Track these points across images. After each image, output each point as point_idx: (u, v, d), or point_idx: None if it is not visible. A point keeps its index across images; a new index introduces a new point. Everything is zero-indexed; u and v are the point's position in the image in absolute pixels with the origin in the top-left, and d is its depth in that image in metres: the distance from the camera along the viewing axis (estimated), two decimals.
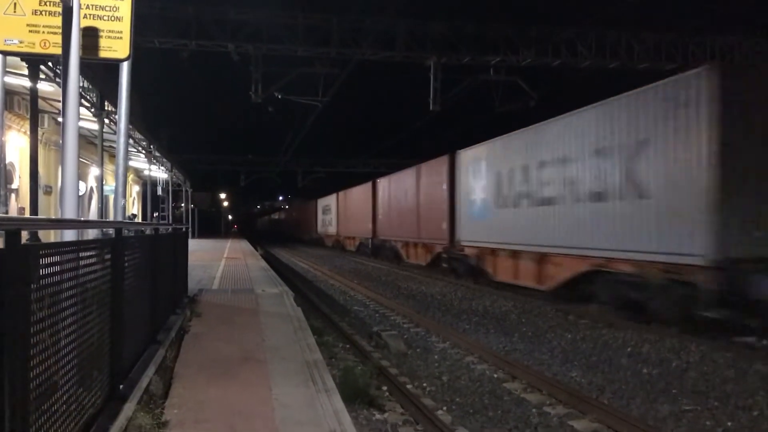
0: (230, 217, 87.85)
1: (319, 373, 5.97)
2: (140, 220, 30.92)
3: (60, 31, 5.44)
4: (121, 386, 4.62)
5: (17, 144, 16.21)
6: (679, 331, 10.41)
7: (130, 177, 29.41)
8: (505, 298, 15.52)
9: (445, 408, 7.03)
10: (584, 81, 22.98)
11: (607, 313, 12.13)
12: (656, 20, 21.84)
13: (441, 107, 21.33)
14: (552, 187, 14.16)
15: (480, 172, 18.44)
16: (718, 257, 9.46)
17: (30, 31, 5.73)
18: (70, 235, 5.02)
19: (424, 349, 10.13)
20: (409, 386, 7.69)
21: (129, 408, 4.35)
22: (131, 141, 18.21)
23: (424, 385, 8.00)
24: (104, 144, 13.97)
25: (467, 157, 19.59)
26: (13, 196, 16.40)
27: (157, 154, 24.91)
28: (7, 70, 8.01)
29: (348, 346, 10.31)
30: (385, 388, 7.70)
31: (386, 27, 20.01)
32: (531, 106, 22.63)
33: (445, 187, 20.91)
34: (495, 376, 8.41)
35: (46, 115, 16.93)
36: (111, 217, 21.07)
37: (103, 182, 15.33)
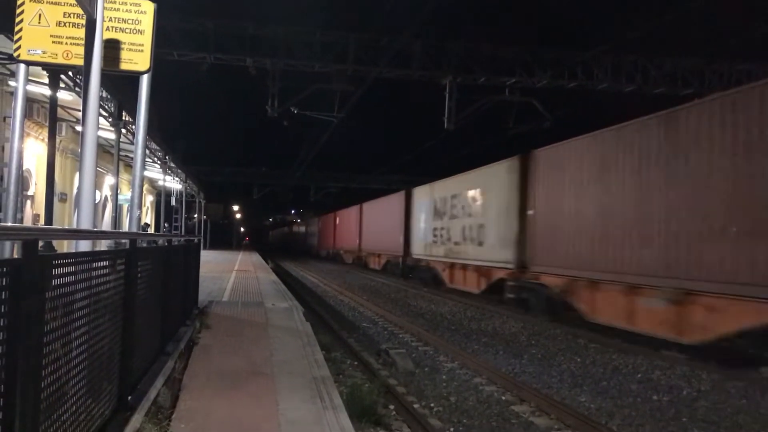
0: (242, 229, 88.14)
1: (327, 389, 5.95)
2: (153, 230, 31.12)
3: (83, 42, 5.51)
4: (129, 397, 4.63)
5: (34, 151, 16.40)
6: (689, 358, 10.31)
7: (145, 187, 29.63)
8: (515, 319, 15.42)
9: (452, 429, 6.97)
10: (600, 103, 23.00)
11: None
12: (673, 46, 21.77)
13: (456, 126, 21.39)
14: None
15: None
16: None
17: (53, 42, 5.83)
18: (84, 245, 5.06)
19: (432, 368, 10.06)
20: (416, 406, 7.63)
21: (137, 419, 4.35)
22: (147, 152, 18.39)
23: (432, 405, 7.93)
24: (120, 153, 14.11)
25: None
26: (28, 202, 16.58)
27: (172, 164, 25.14)
28: (28, 78, 8.14)
29: (356, 362, 10.27)
30: (392, 406, 7.65)
31: (403, 46, 20.11)
32: (545, 127, 22.65)
33: None
34: (503, 398, 8.33)
35: (64, 124, 17.13)
36: (125, 227, 21.20)
37: (118, 191, 15.44)
